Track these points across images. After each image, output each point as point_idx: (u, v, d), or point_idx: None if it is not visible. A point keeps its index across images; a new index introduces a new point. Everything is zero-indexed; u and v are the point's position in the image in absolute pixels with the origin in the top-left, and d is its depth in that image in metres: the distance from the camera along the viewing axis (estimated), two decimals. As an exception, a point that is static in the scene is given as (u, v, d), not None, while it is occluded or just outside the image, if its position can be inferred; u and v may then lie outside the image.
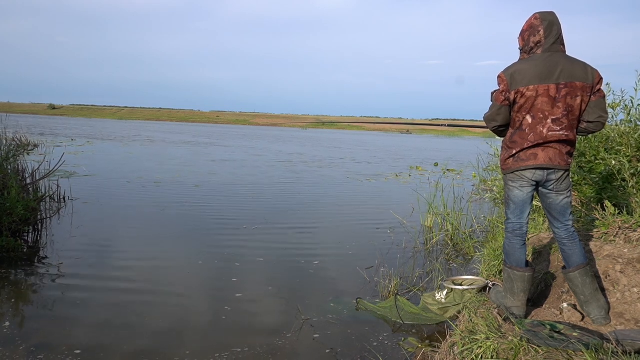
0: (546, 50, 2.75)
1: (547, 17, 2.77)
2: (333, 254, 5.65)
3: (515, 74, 2.76)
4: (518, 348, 2.42)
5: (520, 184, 2.87)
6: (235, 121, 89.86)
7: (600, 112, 2.78)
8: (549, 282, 3.50)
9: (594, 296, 2.86)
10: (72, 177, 10.23)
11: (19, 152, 7.06)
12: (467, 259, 5.54)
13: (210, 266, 4.99)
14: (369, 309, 3.94)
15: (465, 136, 61.67)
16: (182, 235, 6.23)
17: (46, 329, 3.41)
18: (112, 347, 3.19)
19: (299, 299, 4.12)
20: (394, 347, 3.35)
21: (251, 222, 6.96)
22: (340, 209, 8.57)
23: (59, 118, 67.77)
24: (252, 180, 11.73)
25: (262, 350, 3.20)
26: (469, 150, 25.54)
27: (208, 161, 16.16)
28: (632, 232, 3.49)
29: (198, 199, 8.71)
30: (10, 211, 5.26)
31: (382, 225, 7.11)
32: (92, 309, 3.80)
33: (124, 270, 4.77)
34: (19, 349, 3.08)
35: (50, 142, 19.04)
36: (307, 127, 79.97)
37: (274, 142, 30.63)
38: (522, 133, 2.82)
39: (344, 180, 12.50)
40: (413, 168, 16.57)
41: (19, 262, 4.85)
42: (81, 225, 6.38)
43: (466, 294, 3.65)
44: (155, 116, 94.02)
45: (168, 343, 3.27)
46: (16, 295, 4.04)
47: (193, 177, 11.54)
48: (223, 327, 3.57)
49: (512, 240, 2.98)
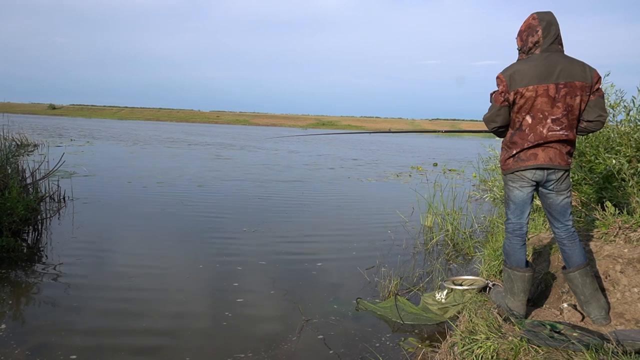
0: (544, 50, 2.75)
1: (545, 17, 2.77)
2: (333, 254, 5.65)
3: (514, 75, 2.76)
4: (518, 348, 2.42)
5: (520, 184, 2.88)
6: (235, 121, 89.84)
7: (600, 111, 2.78)
8: (549, 282, 3.50)
9: (594, 296, 2.86)
10: (73, 177, 10.22)
11: (19, 152, 7.07)
12: (467, 259, 5.54)
13: (211, 269, 4.99)
14: (369, 309, 3.94)
15: (465, 136, 61.62)
16: (183, 236, 6.23)
17: (45, 329, 3.41)
18: (110, 350, 3.17)
19: (300, 300, 4.12)
20: (395, 348, 3.35)
21: (251, 223, 6.96)
22: (341, 209, 8.57)
23: (59, 118, 67.75)
24: (253, 180, 11.72)
25: (265, 354, 3.18)
26: (468, 149, 25.54)
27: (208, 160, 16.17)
28: (632, 232, 3.49)
29: (199, 200, 8.72)
30: (11, 211, 5.26)
31: (383, 225, 7.11)
32: (91, 310, 3.80)
33: (123, 272, 4.76)
34: (17, 350, 3.08)
35: (51, 142, 19.03)
36: (307, 127, 79.96)
37: (277, 142, 30.62)
38: (522, 133, 2.82)
39: (344, 180, 12.50)
40: (413, 168, 16.57)
41: (19, 262, 4.85)
42: (81, 225, 6.38)
43: (466, 294, 3.65)
44: (155, 116, 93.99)
45: (168, 347, 3.26)
46: (15, 296, 4.04)
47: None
48: (224, 330, 3.54)
49: (512, 240, 2.98)
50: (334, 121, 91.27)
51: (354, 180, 12.66)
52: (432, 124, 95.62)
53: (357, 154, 23.17)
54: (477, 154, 9.85)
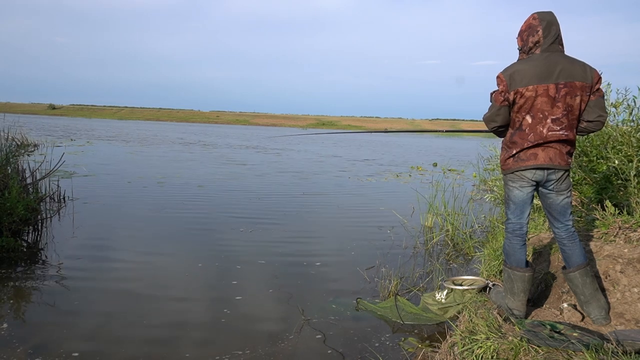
0: (545, 50, 2.75)
1: (546, 17, 2.77)
2: (333, 254, 5.64)
3: (514, 75, 2.76)
4: (518, 348, 2.42)
5: (520, 184, 2.87)
6: (235, 121, 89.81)
7: (600, 111, 2.78)
8: (549, 282, 3.50)
9: (594, 296, 2.86)
10: (73, 177, 10.22)
11: (19, 152, 7.06)
12: (467, 259, 5.54)
13: (210, 268, 4.99)
14: (369, 309, 3.94)
15: (465, 136, 61.63)
16: (183, 235, 6.23)
17: (45, 330, 3.41)
18: (110, 349, 3.17)
19: (300, 300, 4.11)
20: (395, 348, 3.35)
21: (251, 223, 6.96)
22: (341, 208, 8.56)
23: (59, 118, 67.75)
24: (251, 182, 11.72)
25: (264, 352, 3.18)
26: (469, 149, 25.53)
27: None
28: (632, 232, 3.49)
29: (200, 200, 8.72)
30: (11, 211, 5.26)
31: (383, 225, 7.11)
32: (91, 310, 3.80)
33: (123, 271, 4.77)
34: (17, 351, 3.08)
35: (51, 142, 19.03)
36: (308, 127, 79.97)
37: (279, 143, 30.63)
38: (522, 133, 2.82)
39: (345, 180, 12.50)
40: (413, 168, 16.57)
41: (19, 262, 4.85)
42: (81, 225, 6.37)
43: (466, 294, 3.65)
44: (155, 116, 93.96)
45: (167, 346, 3.26)
46: (15, 296, 4.04)
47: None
48: (223, 330, 3.54)
49: (512, 240, 2.98)
50: (334, 121, 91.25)
51: (354, 180, 12.66)
52: (432, 124, 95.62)
53: (356, 154, 23.17)
54: (477, 154, 9.84)
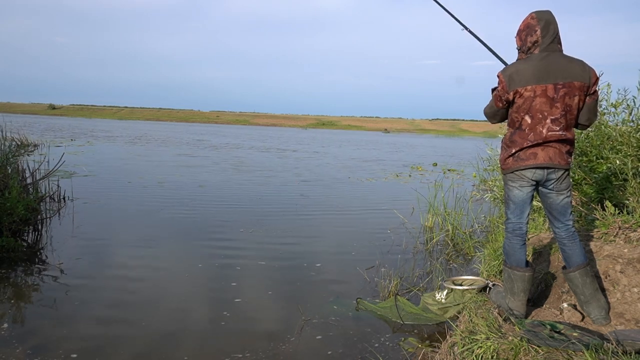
0: (543, 50, 2.75)
1: (544, 17, 2.76)
2: (333, 254, 5.64)
3: (513, 75, 2.77)
4: (518, 348, 2.41)
5: (520, 183, 2.87)
6: (235, 121, 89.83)
7: (589, 114, 2.83)
8: (549, 282, 3.50)
9: (594, 296, 2.86)
10: (73, 177, 10.22)
11: (19, 152, 7.06)
12: (467, 259, 5.54)
13: (209, 269, 4.98)
14: (369, 309, 3.94)
15: (465, 136, 61.69)
16: (183, 236, 6.23)
17: (45, 330, 3.41)
18: (109, 350, 3.17)
19: (300, 300, 4.11)
20: (395, 348, 3.35)
21: (251, 223, 6.96)
22: (341, 208, 8.56)
23: (59, 118, 67.73)
24: (252, 182, 11.72)
25: (264, 355, 3.17)
26: (469, 149, 25.53)
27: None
28: (632, 232, 3.48)
29: (200, 200, 8.72)
30: (11, 211, 5.26)
31: (383, 225, 7.11)
32: (91, 310, 3.79)
33: (123, 272, 4.76)
34: (16, 351, 3.07)
35: (51, 142, 19.03)
36: (308, 127, 79.99)
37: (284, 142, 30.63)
38: (521, 133, 2.82)
39: (344, 180, 12.50)
40: (413, 168, 16.57)
41: (19, 262, 4.85)
42: (81, 225, 6.37)
43: (466, 294, 3.65)
44: (155, 116, 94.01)
45: (166, 348, 3.25)
46: (15, 296, 4.04)
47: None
48: (223, 331, 3.53)
49: (512, 240, 2.98)
50: (334, 121, 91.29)
51: (354, 180, 12.66)
52: (432, 123, 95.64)
53: (357, 153, 23.16)
54: (477, 154, 9.84)
